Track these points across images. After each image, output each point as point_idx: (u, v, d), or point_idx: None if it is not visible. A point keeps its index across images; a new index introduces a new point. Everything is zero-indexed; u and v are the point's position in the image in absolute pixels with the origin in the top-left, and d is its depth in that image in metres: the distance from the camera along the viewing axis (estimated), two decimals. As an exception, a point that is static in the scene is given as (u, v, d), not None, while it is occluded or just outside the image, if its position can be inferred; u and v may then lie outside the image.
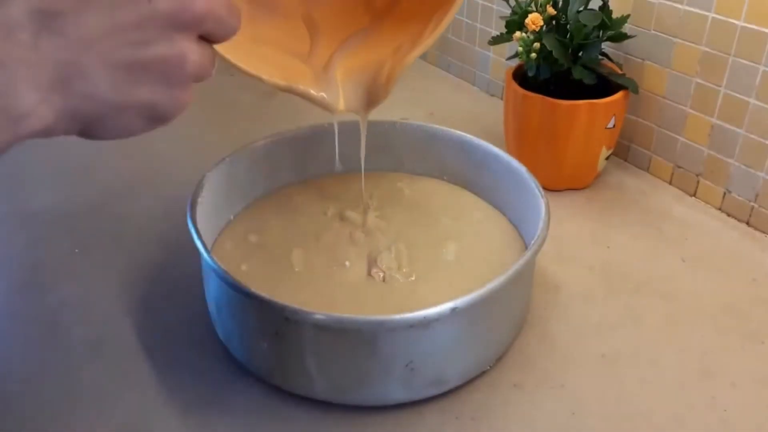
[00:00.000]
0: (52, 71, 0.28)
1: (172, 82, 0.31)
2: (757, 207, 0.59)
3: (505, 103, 0.66)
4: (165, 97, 0.31)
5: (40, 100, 0.28)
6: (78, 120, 0.30)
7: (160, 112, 0.31)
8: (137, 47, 0.29)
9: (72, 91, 0.29)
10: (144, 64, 0.30)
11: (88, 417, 0.43)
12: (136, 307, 0.51)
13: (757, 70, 0.55)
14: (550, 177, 0.62)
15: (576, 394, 0.44)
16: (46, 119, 0.28)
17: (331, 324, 0.39)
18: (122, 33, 0.29)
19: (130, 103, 0.30)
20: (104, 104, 0.30)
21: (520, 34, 0.60)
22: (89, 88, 0.29)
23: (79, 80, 0.29)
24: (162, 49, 0.30)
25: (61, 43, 0.28)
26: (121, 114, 0.30)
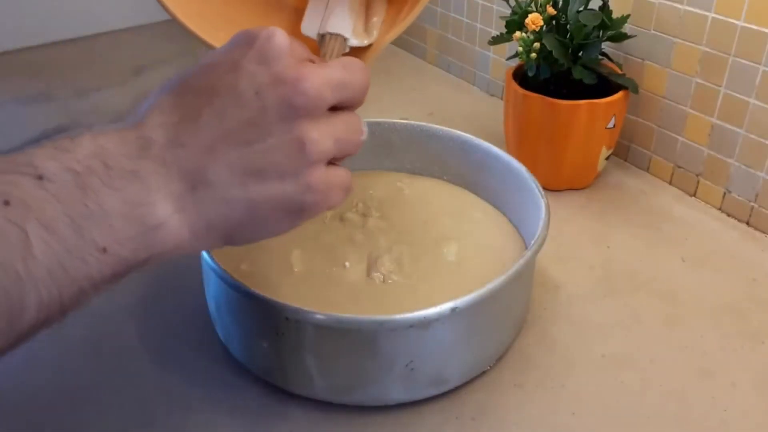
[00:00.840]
0: (180, 182, 0.29)
1: (296, 169, 0.30)
2: (757, 207, 0.59)
3: (505, 103, 0.65)
4: (294, 187, 0.30)
5: (174, 209, 0.29)
6: (215, 230, 0.30)
7: (297, 204, 0.31)
8: (254, 144, 0.30)
9: (201, 199, 0.30)
10: (264, 159, 0.30)
11: (88, 417, 0.43)
12: (136, 307, 0.51)
13: (757, 70, 0.55)
14: (550, 177, 0.62)
15: (576, 394, 0.44)
16: (180, 231, 0.29)
17: (332, 324, 0.39)
18: (237, 133, 0.30)
19: (261, 201, 0.30)
20: (235, 207, 0.30)
21: (520, 34, 0.60)
22: (216, 193, 0.30)
23: (206, 187, 0.29)
24: (278, 139, 0.30)
25: (183, 154, 0.29)
26: (257, 214, 0.31)
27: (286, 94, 0.30)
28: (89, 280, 0.28)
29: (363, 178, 0.59)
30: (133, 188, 0.28)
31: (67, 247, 0.26)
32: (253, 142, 0.30)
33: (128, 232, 0.28)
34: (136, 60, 0.93)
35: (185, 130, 0.29)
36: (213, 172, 0.29)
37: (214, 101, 0.30)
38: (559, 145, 0.61)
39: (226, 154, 0.30)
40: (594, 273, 0.55)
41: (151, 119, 0.30)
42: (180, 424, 0.42)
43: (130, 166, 0.28)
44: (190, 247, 0.30)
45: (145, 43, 0.99)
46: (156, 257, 0.29)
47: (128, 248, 0.28)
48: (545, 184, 0.51)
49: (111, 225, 0.27)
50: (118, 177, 0.28)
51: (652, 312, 0.51)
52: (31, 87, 0.86)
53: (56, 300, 0.27)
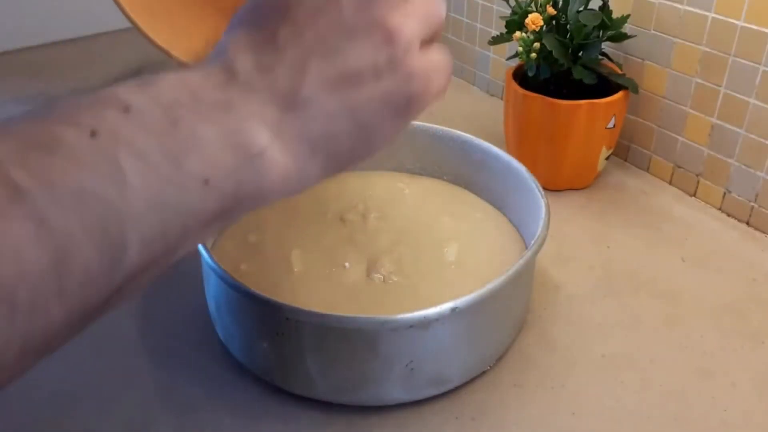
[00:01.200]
0: (273, 106, 0.28)
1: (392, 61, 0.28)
2: (757, 207, 0.59)
3: (505, 103, 0.65)
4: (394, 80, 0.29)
5: (272, 134, 0.27)
6: (321, 152, 0.29)
7: (402, 97, 0.29)
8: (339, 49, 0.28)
9: (299, 120, 0.28)
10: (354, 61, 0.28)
11: (88, 417, 0.43)
12: (136, 307, 0.51)
13: (757, 70, 0.55)
14: (550, 177, 0.62)
15: (576, 394, 0.44)
16: (284, 159, 0.28)
17: (332, 324, 0.39)
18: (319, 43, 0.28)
19: (363, 106, 0.29)
20: (337, 120, 0.28)
21: (520, 34, 0.60)
22: (314, 110, 0.28)
23: (302, 106, 0.28)
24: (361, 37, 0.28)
25: (271, 77, 0.28)
26: (362, 121, 0.29)
27: None
28: (194, 217, 0.26)
29: (363, 178, 0.59)
30: (225, 117, 0.27)
31: (165, 177, 0.25)
32: (338, 47, 0.28)
33: (228, 162, 0.26)
34: (136, 60, 0.93)
35: (267, 54, 0.28)
36: (305, 89, 0.28)
37: (287, 16, 0.28)
38: (559, 145, 0.61)
39: (315, 68, 0.28)
40: (594, 273, 0.55)
41: (231, 51, 0.28)
42: (180, 424, 0.42)
43: (219, 96, 0.27)
44: (297, 178, 0.29)
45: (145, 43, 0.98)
46: (265, 193, 0.28)
47: (232, 180, 0.26)
48: (545, 184, 0.51)
49: (209, 155, 0.26)
50: (208, 107, 0.27)
51: (652, 312, 0.51)
52: (31, 87, 0.86)
53: (160, 237, 0.25)
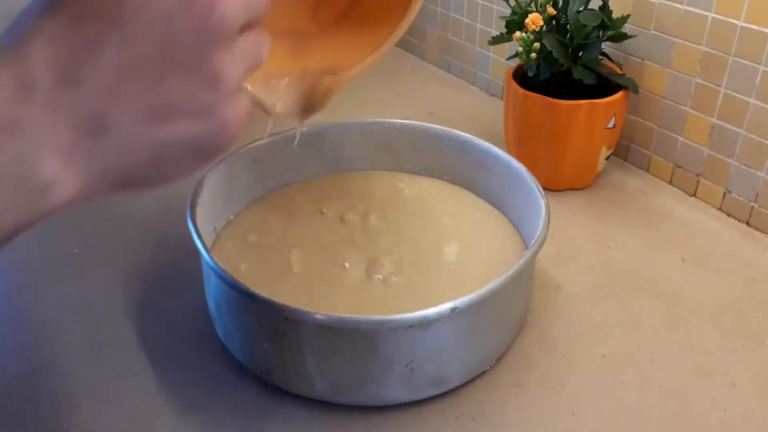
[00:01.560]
0: (73, 129, 0.24)
1: (210, 107, 0.26)
2: (757, 207, 0.59)
3: (505, 103, 0.65)
4: (206, 126, 0.27)
5: (63, 165, 0.24)
6: (113, 179, 0.26)
7: (209, 145, 0.27)
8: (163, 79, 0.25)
9: (98, 148, 0.25)
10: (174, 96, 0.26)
11: (88, 417, 0.43)
12: (136, 307, 0.51)
13: (757, 70, 0.55)
14: (550, 177, 0.62)
15: (576, 394, 0.44)
16: (72, 187, 0.25)
17: (332, 324, 0.39)
18: (144, 67, 0.25)
19: (168, 145, 0.26)
20: (138, 153, 0.26)
21: (520, 34, 0.60)
22: (117, 139, 0.25)
23: (104, 134, 0.25)
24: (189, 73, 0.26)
25: (80, 96, 0.24)
26: (161, 160, 0.27)
27: (199, 20, 0.25)
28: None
29: (363, 178, 0.59)
30: (11, 145, 0.23)
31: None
32: (162, 77, 0.25)
33: (9, 196, 0.23)
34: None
35: (81, 66, 0.24)
36: (114, 115, 0.25)
37: (118, 28, 0.24)
38: (559, 145, 0.61)
39: (130, 94, 0.25)
40: (594, 273, 0.55)
41: (36, 50, 0.24)
42: (180, 424, 0.42)
43: (6, 116, 0.23)
44: (81, 199, 0.26)
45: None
46: (44, 217, 0.25)
47: (10, 214, 0.24)
48: (545, 184, 0.51)
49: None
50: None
51: (652, 312, 0.51)
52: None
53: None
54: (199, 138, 0.27)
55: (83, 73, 0.24)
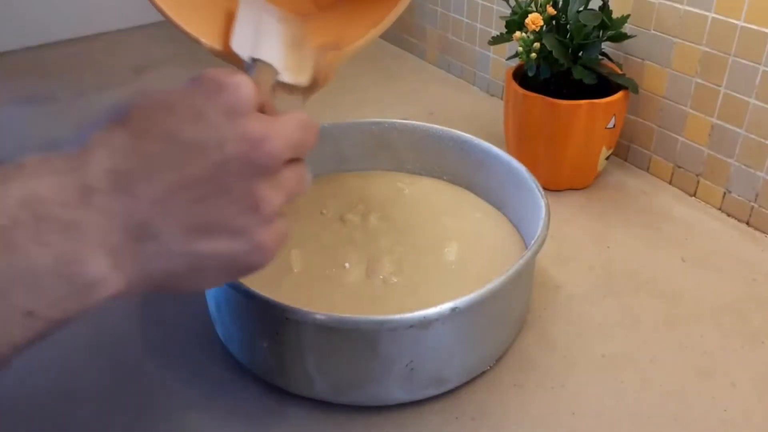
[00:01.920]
0: (123, 233, 0.27)
1: (249, 229, 0.29)
2: (757, 207, 0.59)
3: (505, 103, 0.65)
4: (244, 246, 0.29)
5: (112, 265, 0.27)
6: (152, 281, 0.28)
7: (243, 263, 0.30)
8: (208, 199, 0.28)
9: (144, 254, 0.27)
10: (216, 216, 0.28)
11: (89, 417, 0.43)
12: (136, 307, 0.51)
13: (757, 70, 0.55)
14: (550, 177, 0.62)
15: (576, 394, 0.44)
16: (117, 286, 0.27)
17: (332, 324, 0.39)
18: (192, 187, 0.28)
19: (206, 257, 0.29)
20: (178, 262, 0.28)
21: (520, 34, 0.60)
22: (160, 247, 0.28)
23: (150, 240, 0.27)
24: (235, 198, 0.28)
25: (132, 204, 0.27)
26: (198, 270, 0.29)
27: (249, 153, 0.28)
28: (10, 345, 0.25)
29: (363, 178, 0.59)
30: (66, 243, 0.25)
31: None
32: (208, 197, 0.28)
33: (58, 292, 0.26)
34: (136, 60, 0.93)
35: (137, 180, 0.27)
36: (160, 225, 0.27)
37: (173, 148, 0.28)
38: (559, 145, 0.61)
39: (177, 208, 0.28)
40: (594, 273, 0.55)
41: (99, 160, 0.27)
42: (180, 424, 0.42)
43: (66, 217, 0.25)
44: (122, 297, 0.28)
45: (145, 43, 0.99)
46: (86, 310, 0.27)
47: (58, 309, 0.26)
48: (545, 184, 0.51)
49: (39, 286, 0.25)
50: (49, 230, 0.25)
51: (652, 312, 0.51)
52: (31, 87, 0.86)
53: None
54: (235, 256, 0.29)
55: (138, 186, 0.27)
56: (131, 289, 0.28)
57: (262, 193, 0.29)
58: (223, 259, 0.29)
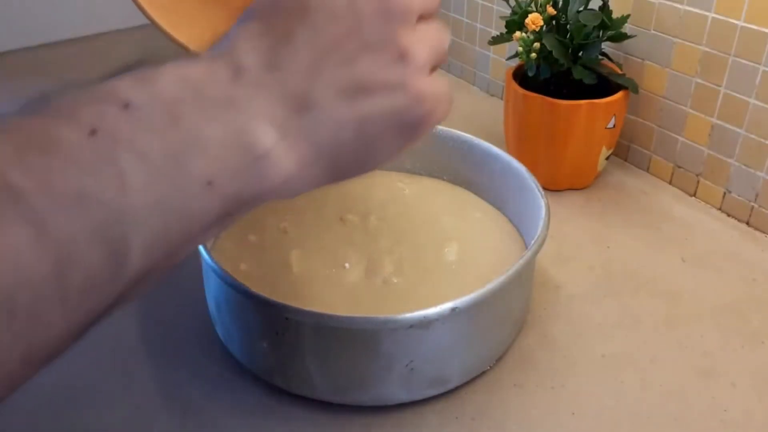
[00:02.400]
0: (282, 106, 0.27)
1: (402, 79, 0.28)
2: (757, 207, 0.59)
3: (505, 103, 0.65)
4: (402, 98, 0.28)
5: (280, 137, 0.27)
6: (324, 158, 0.28)
7: (411, 116, 0.29)
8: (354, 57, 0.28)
9: (307, 123, 0.27)
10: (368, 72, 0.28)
11: (88, 417, 0.43)
12: (136, 306, 0.51)
13: (757, 70, 0.55)
14: (550, 177, 0.62)
15: (576, 394, 0.44)
16: (288, 160, 0.27)
17: (332, 324, 0.39)
18: (335, 49, 0.27)
19: (372, 117, 0.28)
20: (345, 127, 0.28)
21: (520, 34, 0.60)
22: (323, 114, 0.27)
23: (311, 109, 0.27)
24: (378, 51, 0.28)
25: (284, 77, 0.27)
26: (369, 133, 0.28)
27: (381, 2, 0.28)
28: (197, 219, 0.25)
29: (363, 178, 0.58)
30: (230, 115, 0.26)
31: (167, 179, 0.24)
32: (354, 55, 0.28)
33: (232, 162, 0.25)
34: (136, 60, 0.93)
35: (280, 52, 0.27)
36: (316, 92, 0.27)
37: (306, 18, 0.28)
38: (559, 145, 0.61)
39: (328, 72, 0.27)
40: (594, 273, 0.55)
41: (240, 45, 0.28)
42: (180, 424, 0.42)
43: (223, 93, 0.26)
44: (298, 181, 0.28)
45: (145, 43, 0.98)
46: (264, 195, 0.27)
47: (235, 181, 0.26)
48: (545, 184, 0.51)
49: (213, 155, 0.25)
50: (211, 105, 0.26)
51: (652, 312, 0.51)
52: (31, 87, 0.85)
53: (162, 241, 0.25)
54: (397, 111, 0.28)
55: (282, 59, 0.27)
56: (305, 169, 0.28)
57: (406, 41, 0.28)
58: (386, 116, 0.28)
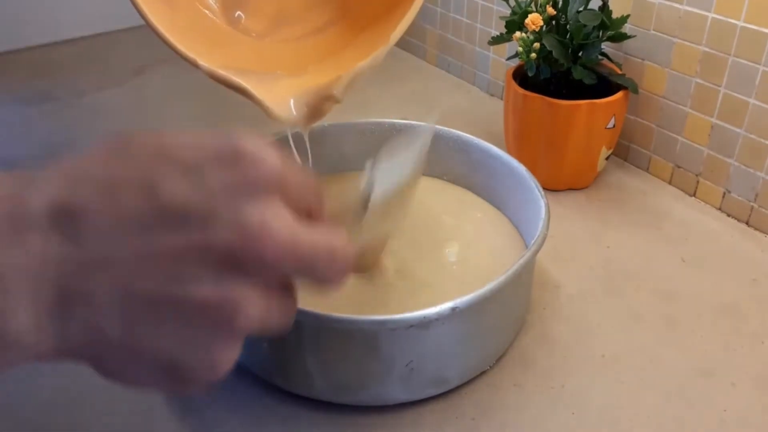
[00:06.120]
0: (55, 289, 0.22)
1: (209, 339, 0.23)
2: (757, 207, 0.59)
3: (505, 103, 0.65)
4: (194, 357, 0.23)
5: (36, 327, 0.22)
6: (79, 355, 0.24)
7: (186, 374, 0.23)
8: (170, 281, 0.22)
9: (73, 320, 0.22)
10: (174, 305, 0.22)
11: (89, 417, 0.43)
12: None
13: (757, 70, 0.55)
14: (550, 177, 0.62)
15: (576, 394, 0.44)
16: (35, 351, 0.22)
17: (332, 324, 0.39)
18: (156, 259, 0.22)
19: (142, 351, 0.23)
20: (108, 344, 0.23)
21: (520, 34, 0.60)
22: (93, 320, 0.22)
23: (84, 307, 0.22)
24: (205, 292, 0.22)
25: (71, 254, 0.22)
26: (130, 362, 0.24)
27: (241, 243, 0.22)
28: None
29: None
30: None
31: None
32: (174, 280, 0.22)
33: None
34: (136, 60, 0.93)
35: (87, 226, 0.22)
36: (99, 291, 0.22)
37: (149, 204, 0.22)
38: (559, 145, 0.61)
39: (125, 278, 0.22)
40: (594, 273, 0.55)
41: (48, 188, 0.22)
42: (180, 424, 0.42)
43: None
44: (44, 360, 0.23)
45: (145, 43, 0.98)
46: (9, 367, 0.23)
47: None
48: (545, 184, 0.51)
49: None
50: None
51: (652, 312, 0.51)
52: (31, 87, 0.86)
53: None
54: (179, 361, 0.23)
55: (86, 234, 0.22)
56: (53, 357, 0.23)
57: (244, 303, 0.23)
58: (163, 359, 0.23)
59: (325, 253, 0.24)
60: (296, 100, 0.42)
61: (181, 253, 0.22)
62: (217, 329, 0.23)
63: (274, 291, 0.24)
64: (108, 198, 0.22)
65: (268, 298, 0.24)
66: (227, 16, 0.47)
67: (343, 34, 0.49)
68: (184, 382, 0.24)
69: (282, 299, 0.25)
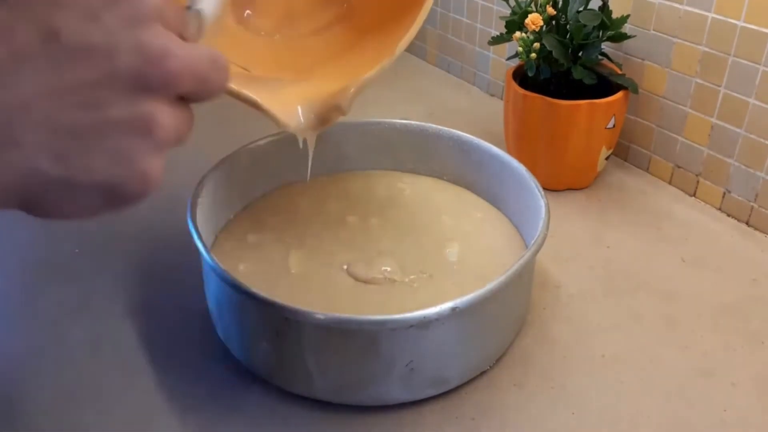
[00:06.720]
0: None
1: (135, 152, 0.25)
2: (757, 207, 0.59)
3: (505, 103, 0.66)
4: (126, 171, 0.25)
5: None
6: (14, 197, 0.25)
7: (122, 191, 0.26)
8: (88, 109, 0.24)
9: (7, 166, 0.24)
10: (97, 130, 0.24)
11: (88, 417, 0.43)
12: (136, 306, 0.51)
13: (757, 70, 0.55)
14: (550, 177, 0.62)
15: (576, 394, 0.44)
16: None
17: (332, 324, 0.39)
18: (70, 92, 0.24)
19: (78, 180, 0.25)
20: (44, 180, 0.24)
21: (520, 34, 0.60)
22: (23, 159, 0.24)
23: (12, 149, 0.24)
24: (122, 112, 0.25)
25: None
26: (68, 193, 0.25)
27: (144, 67, 0.25)
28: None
29: (363, 178, 0.59)
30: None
31: None
32: (91, 107, 0.24)
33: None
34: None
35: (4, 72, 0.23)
36: (25, 131, 0.23)
37: (55, 46, 0.24)
38: (559, 145, 0.61)
39: (48, 114, 0.24)
40: (594, 273, 0.55)
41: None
42: (180, 424, 0.42)
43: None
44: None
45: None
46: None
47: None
48: (545, 184, 0.51)
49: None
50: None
51: (652, 312, 0.51)
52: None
53: None
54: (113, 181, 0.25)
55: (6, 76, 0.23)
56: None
57: (158, 117, 0.25)
58: (99, 182, 0.25)
59: (211, 62, 0.27)
60: (304, 109, 0.43)
61: (93, 84, 0.24)
62: (141, 142, 0.25)
63: (177, 104, 0.27)
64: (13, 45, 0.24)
65: (175, 109, 0.27)
66: (237, 15, 0.47)
67: (349, 34, 0.49)
68: (121, 199, 0.26)
69: (184, 111, 0.27)
